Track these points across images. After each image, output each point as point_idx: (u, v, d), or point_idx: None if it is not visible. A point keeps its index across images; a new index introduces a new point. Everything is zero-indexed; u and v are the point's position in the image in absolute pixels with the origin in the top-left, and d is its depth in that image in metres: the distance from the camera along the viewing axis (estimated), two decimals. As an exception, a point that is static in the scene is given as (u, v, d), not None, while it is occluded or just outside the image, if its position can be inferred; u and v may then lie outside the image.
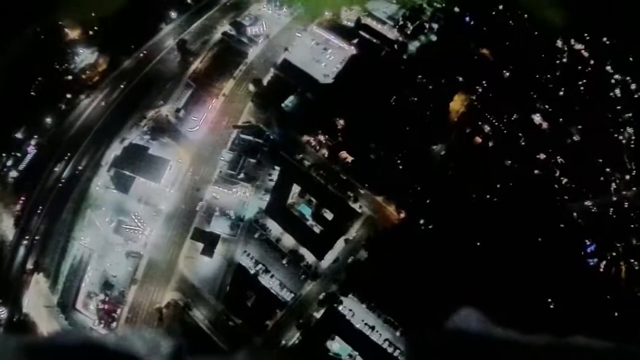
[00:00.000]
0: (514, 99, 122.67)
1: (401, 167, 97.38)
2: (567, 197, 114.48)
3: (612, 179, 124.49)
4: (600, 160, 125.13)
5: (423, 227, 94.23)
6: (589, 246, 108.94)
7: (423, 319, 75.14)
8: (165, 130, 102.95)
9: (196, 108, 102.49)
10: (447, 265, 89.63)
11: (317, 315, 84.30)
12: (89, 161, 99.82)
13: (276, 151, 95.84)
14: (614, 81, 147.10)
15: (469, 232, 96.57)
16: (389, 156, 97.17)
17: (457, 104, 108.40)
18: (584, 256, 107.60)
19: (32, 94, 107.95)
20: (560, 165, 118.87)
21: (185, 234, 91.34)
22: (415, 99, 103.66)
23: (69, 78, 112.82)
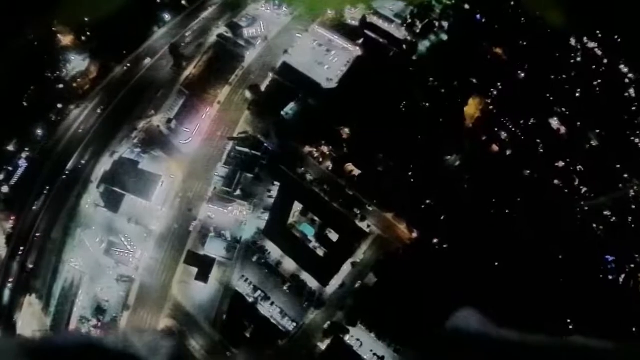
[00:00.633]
0: (530, 101, 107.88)
1: (412, 181, 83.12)
2: (586, 207, 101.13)
3: (631, 185, 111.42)
4: (619, 166, 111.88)
5: (437, 247, 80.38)
6: (608, 258, 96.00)
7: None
8: (157, 142, 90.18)
9: (189, 118, 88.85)
10: (464, 290, 76.54)
11: (322, 347, 72.79)
12: (78, 177, 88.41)
13: (275, 165, 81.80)
14: (627, 80, 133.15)
15: (487, 250, 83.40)
16: (399, 168, 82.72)
17: (471, 108, 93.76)
18: (604, 269, 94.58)
19: (24, 104, 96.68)
20: (579, 172, 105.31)
21: (179, 256, 79.42)
22: (427, 104, 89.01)
23: (61, 87, 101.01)
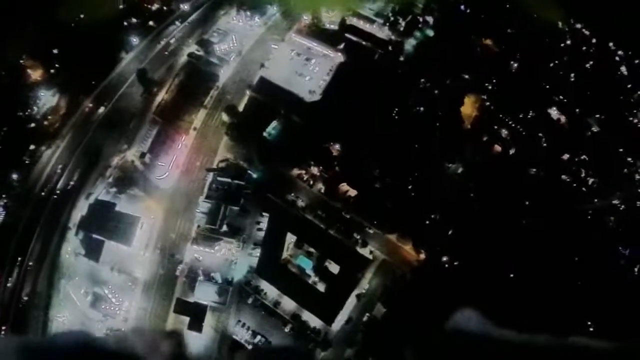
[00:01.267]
0: (526, 92, 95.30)
1: (414, 195, 71.21)
2: (596, 199, 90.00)
3: (635, 169, 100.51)
4: (622, 150, 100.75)
5: (448, 266, 69.00)
6: (624, 250, 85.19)
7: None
8: (133, 179, 77.58)
9: (164, 150, 76.12)
10: (482, 307, 65.39)
11: (333, 390, 61.92)
12: (56, 223, 76.41)
13: (262, 193, 69.14)
14: (618, 58, 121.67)
15: (500, 261, 72.40)
16: (398, 183, 70.89)
17: (468, 107, 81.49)
18: (621, 263, 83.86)
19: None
20: (584, 162, 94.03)
21: (168, 305, 67.66)
22: (421, 108, 76.58)
23: (32, 126, 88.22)
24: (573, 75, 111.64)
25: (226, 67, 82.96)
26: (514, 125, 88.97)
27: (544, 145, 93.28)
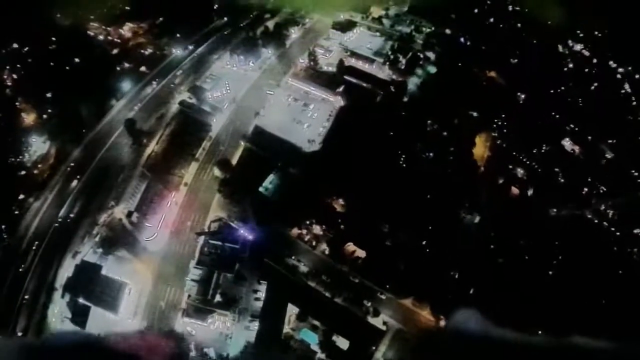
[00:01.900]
0: (537, 124, 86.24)
1: (429, 252, 60.06)
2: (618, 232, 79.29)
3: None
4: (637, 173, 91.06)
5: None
6: None
7: None
8: (120, 240, 67.11)
9: (152, 208, 66.18)
10: None
11: None
12: (42, 283, 66.50)
13: (259, 258, 58.33)
14: (620, 76, 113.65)
15: (532, 321, 61.22)
16: (410, 239, 59.77)
17: (479, 148, 71.95)
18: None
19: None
20: (604, 195, 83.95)
21: None
22: (430, 153, 66.89)
23: (23, 174, 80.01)
24: (580, 100, 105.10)
25: (219, 115, 74.38)
26: (528, 162, 79.31)
27: (562, 181, 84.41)
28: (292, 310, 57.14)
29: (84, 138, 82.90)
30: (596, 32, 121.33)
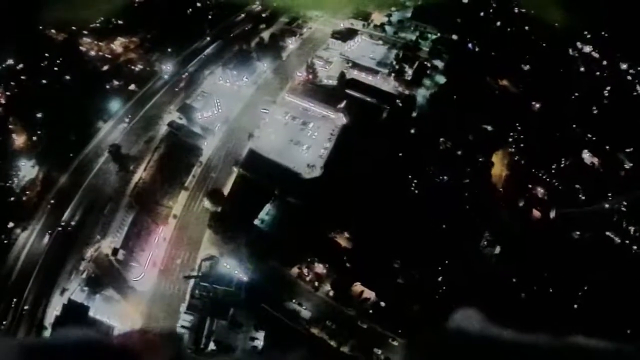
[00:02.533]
0: (554, 136, 75.98)
1: (445, 289, 50.08)
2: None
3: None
4: None
5: None
6: None
7: None
8: (108, 278, 58.40)
9: (139, 244, 57.01)
10: None
11: None
12: (32, 320, 58.62)
13: (256, 302, 49.17)
14: (630, 77, 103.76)
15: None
16: (425, 277, 50.34)
17: (497, 167, 62.13)
18: None
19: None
20: (625, 212, 74.34)
21: None
22: (445, 177, 56.63)
23: (12, 200, 72.10)
24: (595, 107, 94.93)
25: (211, 137, 64.95)
26: (548, 179, 69.79)
27: (583, 198, 74.93)
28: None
29: (71, 163, 76.28)
30: (603, 32, 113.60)
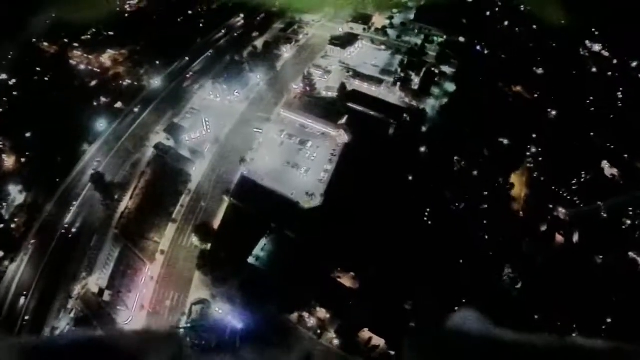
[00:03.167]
0: (573, 147, 65.06)
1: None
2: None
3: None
4: None
5: None
6: None
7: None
8: (96, 319, 51.16)
9: (126, 284, 49.90)
10: None
11: None
12: None
13: (251, 352, 40.74)
14: None
15: None
16: (441, 321, 39.97)
17: (516, 187, 52.70)
18: None
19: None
20: None
21: None
22: (462, 204, 46.76)
23: (1, 227, 65.55)
24: (610, 112, 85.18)
25: (200, 161, 56.10)
26: (569, 197, 60.19)
27: (604, 215, 65.91)
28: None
29: (58, 189, 68.65)
30: (610, 29, 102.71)
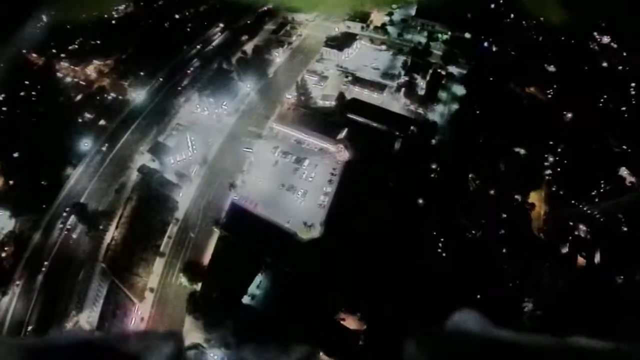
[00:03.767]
0: (591, 152, 56.40)
1: None
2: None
3: None
4: None
5: None
6: None
7: None
8: None
9: (116, 325, 43.42)
10: None
11: None
12: None
13: None
14: None
15: None
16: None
17: (536, 212, 44.29)
18: None
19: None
20: None
21: None
22: (477, 231, 38.97)
23: None
24: (626, 111, 76.15)
25: (187, 185, 48.41)
26: (589, 211, 51.54)
27: (625, 229, 58.76)
28: None
29: (45, 215, 62.15)
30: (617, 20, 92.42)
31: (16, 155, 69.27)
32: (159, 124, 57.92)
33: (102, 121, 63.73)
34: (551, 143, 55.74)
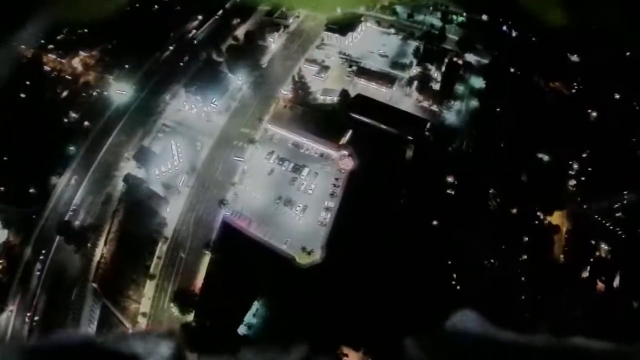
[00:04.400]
0: (616, 156, 47.19)
1: None
2: None
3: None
4: None
5: None
6: None
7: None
8: None
9: None
10: None
11: None
12: None
13: None
14: None
15: None
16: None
17: (556, 220, 37.31)
18: None
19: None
20: None
21: None
22: (497, 260, 31.39)
23: None
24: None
25: (175, 198, 41.30)
26: (612, 227, 42.28)
27: None
28: None
29: (34, 230, 56.02)
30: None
31: (5, 159, 63.76)
32: (144, 124, 49.19)
33: (87, 122, 54.13)
34: (576, 148, 47.50)
